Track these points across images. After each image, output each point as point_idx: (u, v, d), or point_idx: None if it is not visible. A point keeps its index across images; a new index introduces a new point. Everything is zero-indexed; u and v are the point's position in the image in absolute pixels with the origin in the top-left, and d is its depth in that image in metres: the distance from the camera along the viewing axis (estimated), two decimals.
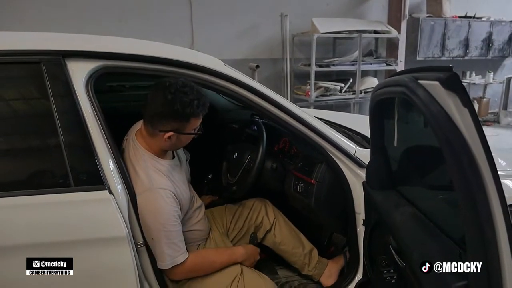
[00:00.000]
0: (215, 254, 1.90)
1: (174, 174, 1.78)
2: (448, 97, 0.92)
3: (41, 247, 1.46)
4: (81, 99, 1.54)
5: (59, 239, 1.47)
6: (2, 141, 1.59)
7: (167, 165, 1.76)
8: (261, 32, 6.12)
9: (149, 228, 1.62)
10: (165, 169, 1.74)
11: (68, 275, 1.48)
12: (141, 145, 1.73)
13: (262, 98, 1.86)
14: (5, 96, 1.57)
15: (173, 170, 1.79)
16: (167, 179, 1.70)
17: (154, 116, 1.65)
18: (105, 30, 5.16)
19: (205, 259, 1.83)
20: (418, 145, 1.53)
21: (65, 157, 1.49)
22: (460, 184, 0.93)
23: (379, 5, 6.83)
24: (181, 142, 1.75)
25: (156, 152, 1.74)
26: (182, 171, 1.90)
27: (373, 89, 1.59)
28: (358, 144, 2.04)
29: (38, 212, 1.47)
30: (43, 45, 1.56)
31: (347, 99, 6.31)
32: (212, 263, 1.83)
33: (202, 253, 1.91)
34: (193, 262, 1.75)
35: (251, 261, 1.99)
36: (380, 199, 1.69)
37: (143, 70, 1.69)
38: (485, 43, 7.36)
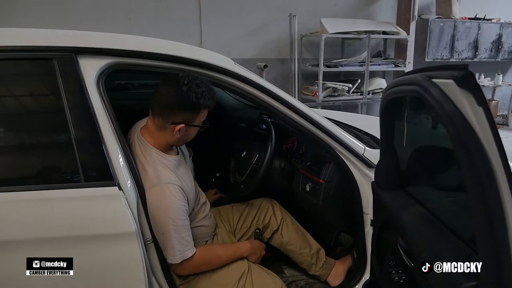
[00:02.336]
0: (221, 248, 1.93)
1: (180, 170, 1.79)
2: (462, 95, 0.91)
3: (51, 242, 1.47)
4: (92, 96, 1.55)
5: (69, 234, 1.48)
6: (14, 136, 1.61)
7: (173, 161, 1.78)
8: (269, 32, 6.12)
9: (159, 223, 1.63)
10: (172, 164, 1.75)
11: (76, 270, 1.49)
12: (147, 141, 1.75)
13: (272, 97, 1.86)
14: (18, 92, 1.59)
15: (179, 165, 1.81)
16: (174, 174, 1.71)
17: (166, 108, 1.67)
18: (114, 28, 5.19)
19: (211, 253, 1.85)
20: (427, 145, 1.53)
21: (76, 153, 1.50)
22: (472, 183, 0.92)
23: (388, 6, 6.81)
24: (188, 136, 1.78)
25: (162, 147, 1.76)
26: (187, 167, 1.92)
27: (384, 88, 1.58)
28: (367, 145, 2.03)
29: (48, 207, 1.48)
30: (56, 41, 1.57)
31: (355, 100, 6.29)
32: (218, 257, 1.85)
33: (209, 247, 1.93)
34: (201, 256, 1.76)
35: (256, 255, 2.01)
36: (388, 199, 1.68)
37: (154, 67, 1.70)
38: (494, 45, 7.31)
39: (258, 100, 1.86)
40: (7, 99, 1.60)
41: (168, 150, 1.80)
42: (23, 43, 1.54)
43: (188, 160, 2.00)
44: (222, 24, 5.82)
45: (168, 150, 1.80)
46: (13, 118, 1.60)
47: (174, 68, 1.72)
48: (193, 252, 1.72)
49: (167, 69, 1.72)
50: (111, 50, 1.62)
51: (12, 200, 1.45)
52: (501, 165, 0.88)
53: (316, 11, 6.19)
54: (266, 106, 1.88)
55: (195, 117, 1.71)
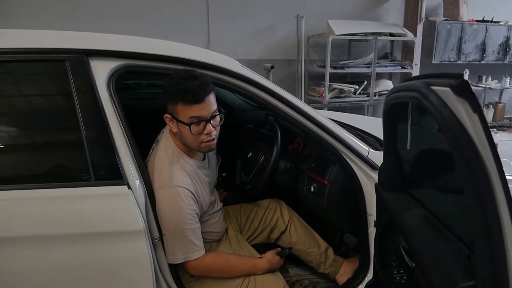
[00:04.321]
0: (238, 260, 1.91)
1: (199, 175, 1.81)
2: (458, 103, 0.95)
3: (61, 238, 1.51)
4: (102, 97, 1.59)
5: (78, 231, 1.53)
6: (27, 136, 1.66)
7: (194, 165, 1.79)
8: (276, 33, 6.15)
9: (163, 223, 1.67)
10: (191, 169, 1.77)
11: (85, 267, 1.55)
12: (172, 141, 1.79)
13: (277, 99, 1.89)
14: (31, 92, 1.64)
15: (199, 171, 1.82)
16: (189, 178, 1.73)
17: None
18: (123, 29, 5.23)
19: (225, 262, 1.86)
20: (430, 148, 1.56)
21: (86, 153, 1.55)
22: (469, 187, 0.96)
23: (396, 7, 6.81)
24: (184, 134, 1.70)
25: (184, 149, 1.78)
26: (209, 175, 1.93)
27: (387, 93, 1.62)
28: (371, 146, 2.06)
29: (59, 205, 1.52)
30: (68, 43, 1.62)
31: (361, 102, 6.30)
32: (231, 267, 1.85)
33: (224, 256, 1.93)
34: (213, 261, 1.79)
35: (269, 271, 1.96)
36: (391, 201, 1.71)
37: (162, 69, 1.74)
38: (502, 48, 7.29)
39: (264, 102, 1.89)
40: (21, 99, 1.65)
41: (191, 153, 1.80)
42: (36, 45, 1.59)
43: (213, 168, 2.01)
44: (230, 25, 5.86)
45: (191, 154, 1.81)
46: (26, 118, 1.65)
47: (210, 77, 1.76)
48: (201, 255, 1.73)
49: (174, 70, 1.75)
50: (121, 52, 1.67)
51: (24, 197, 1.50)
52: (495, 169, 0.91)
53: (323, 12, 6.21)
54: (272, 108, 1.91)
55: (175, 109, 1.66)
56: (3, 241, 1.46)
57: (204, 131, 1.68)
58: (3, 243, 1.46)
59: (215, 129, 1.73)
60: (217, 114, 1.71)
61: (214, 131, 1.72)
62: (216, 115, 1.71)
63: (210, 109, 1.67)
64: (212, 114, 1.68)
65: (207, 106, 1.66)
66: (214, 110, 1.69)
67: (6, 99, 1.62)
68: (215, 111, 1.70)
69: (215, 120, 1.72)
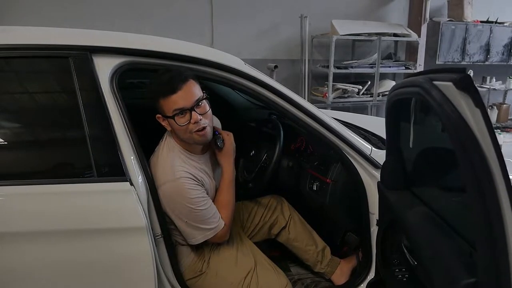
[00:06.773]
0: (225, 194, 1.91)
1: (201, 169, 1.83)
2: (460, 97, 0.95)
3: (63, 234, 1.52)
4: (106, 94, 1.60)
5: (80, 227, 1.53)
6: (29, 132, 1.67)
7: (195, 159, 1.82)
8: (280, 33, 6.14)
9: (180, 213, 1.71)
10: (193, 163, 1.80)
11: (87, 263, 1.55)
12: (173, 139, 1.81)
13: (281, 97, 1.89)
14: (35, 89, 1.65)
15: (201, 165, 1.84)
16: (191, 168, 1.75)
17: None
18: (127, 27, 5.22)
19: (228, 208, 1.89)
20: (433, 147, 1.55)
21: (89, 149, 1.55)
22: (470, 181, 0.96)
23: (400, 8, 6.79)
24: (175, 128, 1.71)
25: (183, 145, 1.80)
26: (211, 169, 1.94)
27: (389, 90, 1.62)
28: (374, 145, 2.06)
29: (62, 201, 1.53)
30: (72, 40, 1.63)
31: (364, 102, 6.29)
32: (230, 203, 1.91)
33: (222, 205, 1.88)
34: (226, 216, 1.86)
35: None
36: (394, 199, 1.71)
37: (166, 67, 1.73)
38: (506, 49, 7.25)
39: (267, 100, 1.90)
40: (24, 96, 1.66)
41: (192, 148, 1.82)
42: (40, 41, 1.59)
43: (215, 162, 2.00)
44: (234, 24, 5.85)
45: (193, 149, 1.82)
46: (29, 114, 1.66)
47: (184, 68, 1.76)
48: (218, 231, 1.80)
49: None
50: (125, 49, 1.67)
51: (28, 193, 1.51)
52: (497, 163, 0.91)
53: (327, 12, 6.19)
54: (275, 106, 1.91)
55: (159, 106, 1.69)
56: (5, 236, 1.47)
57: (191, 120, 1.67)
58: (5, 239, 1.47)
59: (204, 117, 1.72)
60: (201, 100, 1.70)
61: (203, 119, 1.71)
62: (200, 103, 1.70)
63: (190, 97, 1.66)
64: (196, 103, 1.68)
65: (186, 94, 1.65)
66: (196, 99, 1.68)
67: (9, 95, 1.63)
68: (198, 99, 1.69)
69: (200, 108, 1.70)
